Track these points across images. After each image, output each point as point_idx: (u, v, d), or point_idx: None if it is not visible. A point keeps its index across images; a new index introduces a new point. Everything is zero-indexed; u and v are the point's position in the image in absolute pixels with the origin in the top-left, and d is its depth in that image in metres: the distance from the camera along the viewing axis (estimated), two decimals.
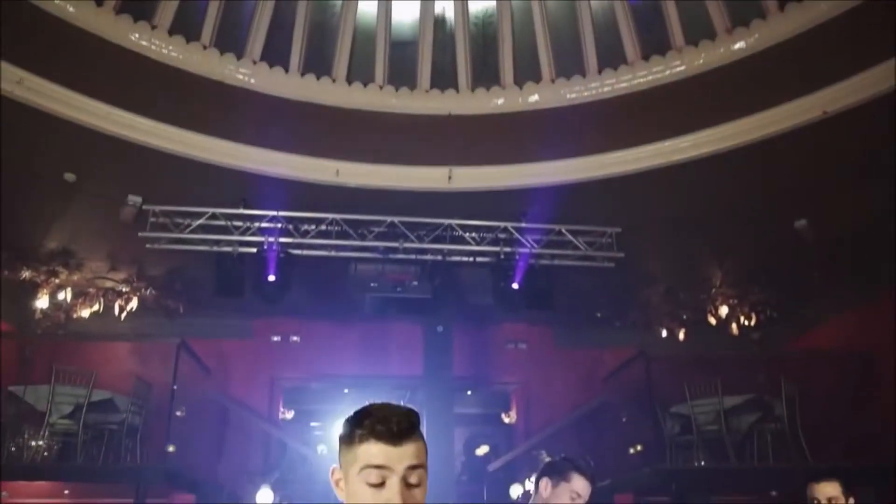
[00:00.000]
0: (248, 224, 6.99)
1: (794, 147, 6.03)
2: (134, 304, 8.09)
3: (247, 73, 6.46)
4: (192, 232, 6.84)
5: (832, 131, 5.81)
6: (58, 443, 7.42)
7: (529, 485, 7.19)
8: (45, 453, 7.33)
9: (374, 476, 1.47)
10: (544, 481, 3.10)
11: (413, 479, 1.49)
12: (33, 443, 7.32)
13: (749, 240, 7.49)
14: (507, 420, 9.85)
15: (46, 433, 7.25)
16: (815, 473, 3.70)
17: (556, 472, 3.13)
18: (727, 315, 8.63)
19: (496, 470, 8.86)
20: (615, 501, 7.96)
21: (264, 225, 6.93)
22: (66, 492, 8.01)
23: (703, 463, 7.71)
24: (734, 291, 8.55)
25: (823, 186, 6.50)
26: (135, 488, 7.06)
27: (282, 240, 6.87)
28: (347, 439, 1.53)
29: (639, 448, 8.88)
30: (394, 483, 1.46)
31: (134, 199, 6.67)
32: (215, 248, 6.94)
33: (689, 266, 8.18)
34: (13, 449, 7.26)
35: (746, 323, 8.73)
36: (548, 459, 3.33)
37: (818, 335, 8.98)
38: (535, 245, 7.14)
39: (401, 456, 1.48)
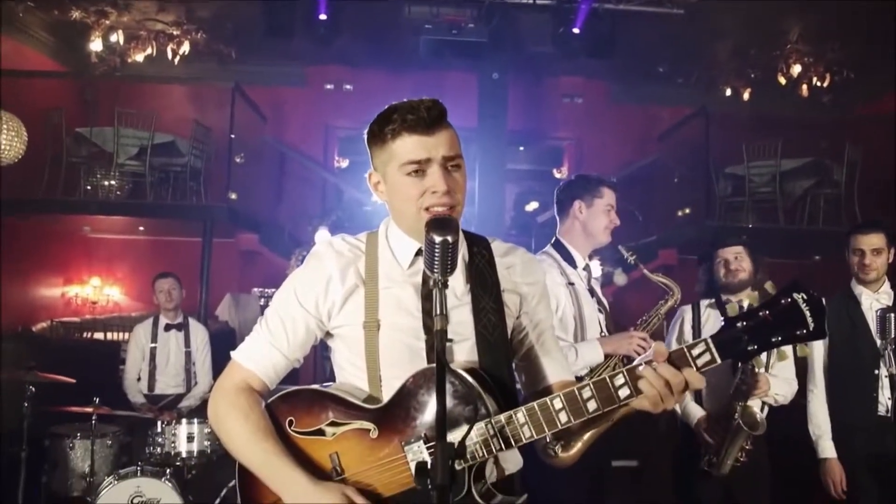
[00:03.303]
0: None
1: None
2: (186, 48, 7.99)
3: None
4: None
5: None
6: (128, 182, 7.83)
7: None
8: (118, 192, 7.79)
9: (413, 168, 1.47)
10: (577, 204, 2.99)
11: (454, 163, 1.50)
12: (106, 182, 7.74)
13: None
14: (558, 175, 9.90)
15: (116, 173, 7.63)
16: (860, 225, 3.63)
17: (587, 190, 2.99)
18: (799, 74, 8.15)
19: (544, 222, 9.08)
20: (659, 257, 8.18)
21: None
22: (141, 228, 8.62)
23: (751, 225, 7.77)
24: (811, 48, 7.98)
25: None
26: (202, 227, 7.54)
27: None
28: (379, 139, 1.52)
29: (687, 211, 8.94)
30: (434, 170, 1.47)
31: None
32: None
33: (766, 18, 7.56)
34: (88, 188, 7.71)
35: (819, 84, 8.26)
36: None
37: (892, 101, 8.48)
38: None
39: (436, 144, 1.47)
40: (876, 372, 3.16)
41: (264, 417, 1.55)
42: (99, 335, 7.91)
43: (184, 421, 4.32)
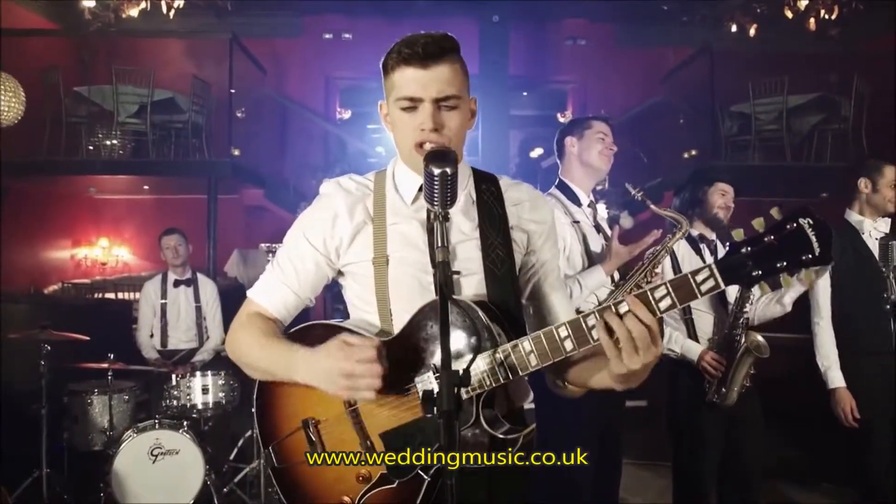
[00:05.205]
0: None
1: None
2: (180, 0, 7.84)
3: None
4: None
5: None
6: (130, 141, 7.79)
7: None
8: (121, 151, 7.75)
9: (406, 102, 1.47)
10: (568, 140, 3.08)
11: (448, 104, 1.48)
12: (108, 142, 7.70)
13: None
14: (562, 120, 9.80)
15: (118, 132, 7.59)
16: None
17: (576, 126, 3.10)
18: (806, 7, 7.95)
19: (549, 168, 9.02)
20: (665, 199, 8.14)
21: None
22: (146, 187, 8.61)
23: (757, 163, 7.69)
24: None
25: None
26: (206, 183, 7.51)
27: None
28: (385, 69, 1.52)
29: (694, 153, 8.85)
30: (425, 107, 1.46)
31: None
32: None
33: None
34: (91, 148, 7.67)
35: (826, 17, 8.07)
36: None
37: None
38: None
39: (430, 79, 1.45)
40: (887, 296, 3.16)
41: (275, 331, 1.60)
42: (110, 295, 7.98)
43: (198, 374, 4.38)
